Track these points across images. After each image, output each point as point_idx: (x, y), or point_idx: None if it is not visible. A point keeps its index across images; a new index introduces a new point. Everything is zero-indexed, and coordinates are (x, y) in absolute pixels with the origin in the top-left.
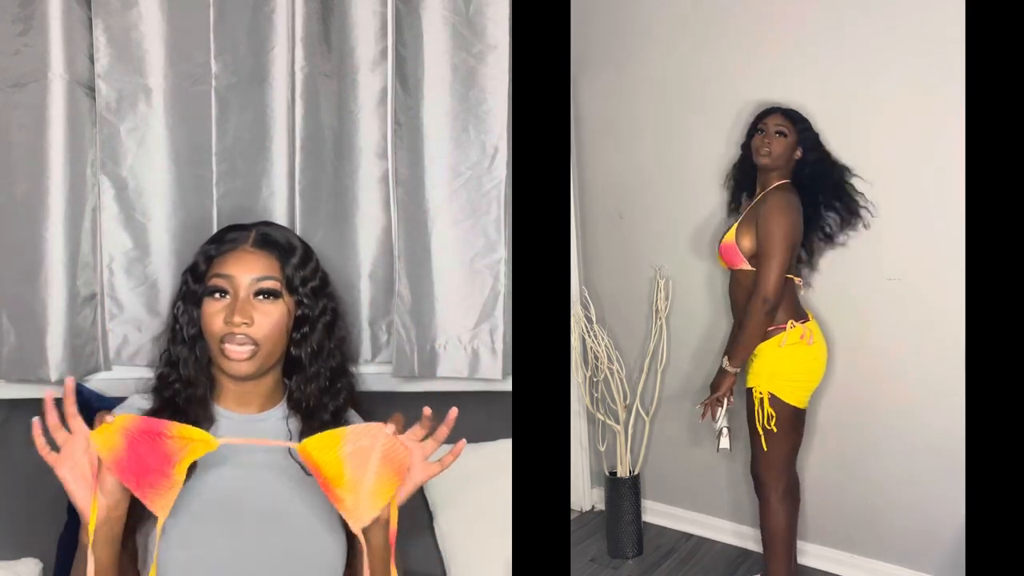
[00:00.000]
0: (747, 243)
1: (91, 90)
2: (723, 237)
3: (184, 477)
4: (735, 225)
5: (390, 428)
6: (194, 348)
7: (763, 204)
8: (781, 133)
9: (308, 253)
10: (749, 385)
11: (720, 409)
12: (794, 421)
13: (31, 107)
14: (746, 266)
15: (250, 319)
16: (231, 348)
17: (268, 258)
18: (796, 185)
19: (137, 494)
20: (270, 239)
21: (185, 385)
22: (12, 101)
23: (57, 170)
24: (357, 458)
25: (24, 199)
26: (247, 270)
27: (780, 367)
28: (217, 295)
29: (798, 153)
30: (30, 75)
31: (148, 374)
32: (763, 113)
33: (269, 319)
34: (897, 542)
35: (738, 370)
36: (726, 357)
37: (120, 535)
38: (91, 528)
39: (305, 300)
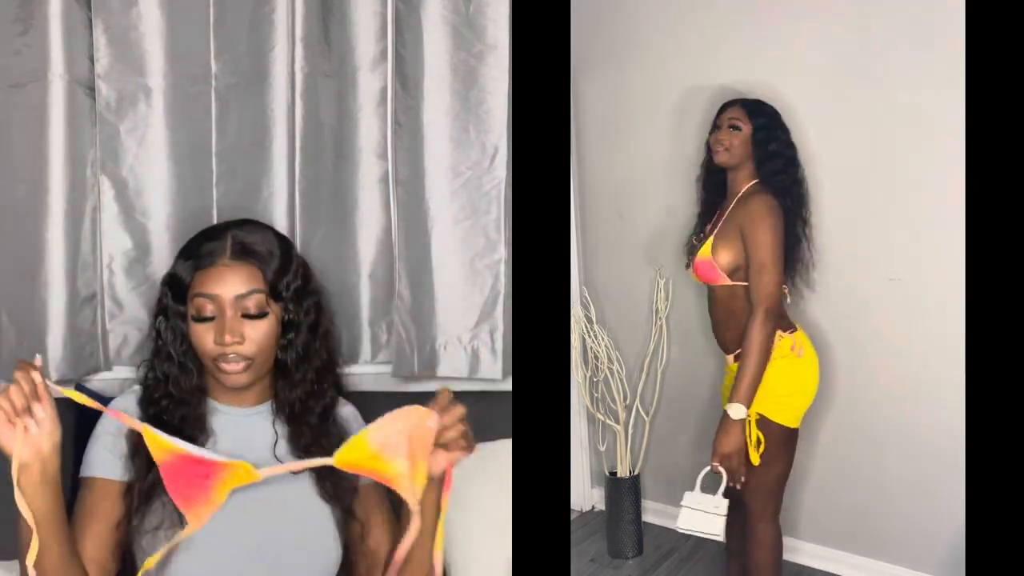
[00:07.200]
0: (726, 257)
1: (91, 90)
2: (698, 252)
3: (224, 498)
4: (711, 238)
5: (432, 419)
6: (183, 366)
7: (743, 211)
8: (735, 127)
9: (288, 254)
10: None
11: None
12: (785, 443)
13: (31, 107)
14: (726, 281)
15: (240, 337)
16: (225, 365)
17: (249, 269)
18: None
19: (178, 503)
20: (248, 248)
21: (176, 404)
22: (12, 101)
23: (57, 170)
24: (390, 448)
25: (24, 199)
26: (230, 287)
27: (768, 384)
28: (204, 316)
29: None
30: (30, 75)
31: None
32: (721, 108)
33: (259, 332)
34: (897, 542)
35: (747, 415)
36: (733, 403)
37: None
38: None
39: (290, 305)
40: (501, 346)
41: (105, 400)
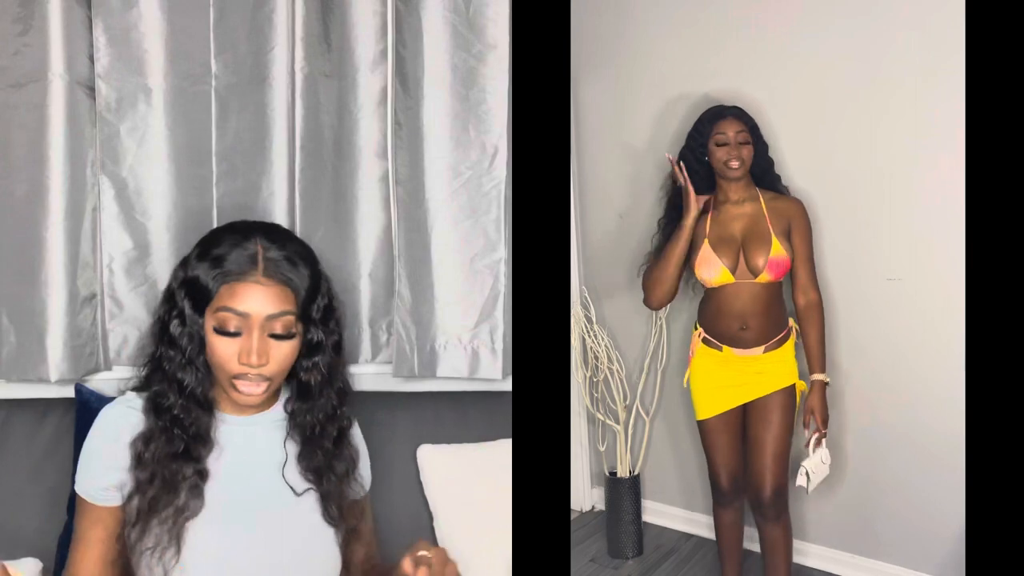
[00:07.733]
0: (788, 255)
1: (91, 90)
2: (769, 252)
3: None
4: (774, 239)
5: None
6: (199, 375)
7: (789, 212)
8: (745, 141)
9: (317, 272)
10: (790, 383)
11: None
12: None
13: (31, 107)
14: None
15: (267, 359)
16: (244, 385)
17: (282, 289)
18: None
19: None
20: (281, 267)
21: (187, 414)
22: (12, 101)
23: (57, 170)
24: None
25: (24, 199)
26: (261, 306)
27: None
28: (227, 330)
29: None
30: (30, 75)
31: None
32: (713, 118)
33: (283, 353)
34: (897, 542)
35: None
36: (821, 372)
37: None
38: None
39: (318, 327)
40: (501, 346)
41: (105, 400)
